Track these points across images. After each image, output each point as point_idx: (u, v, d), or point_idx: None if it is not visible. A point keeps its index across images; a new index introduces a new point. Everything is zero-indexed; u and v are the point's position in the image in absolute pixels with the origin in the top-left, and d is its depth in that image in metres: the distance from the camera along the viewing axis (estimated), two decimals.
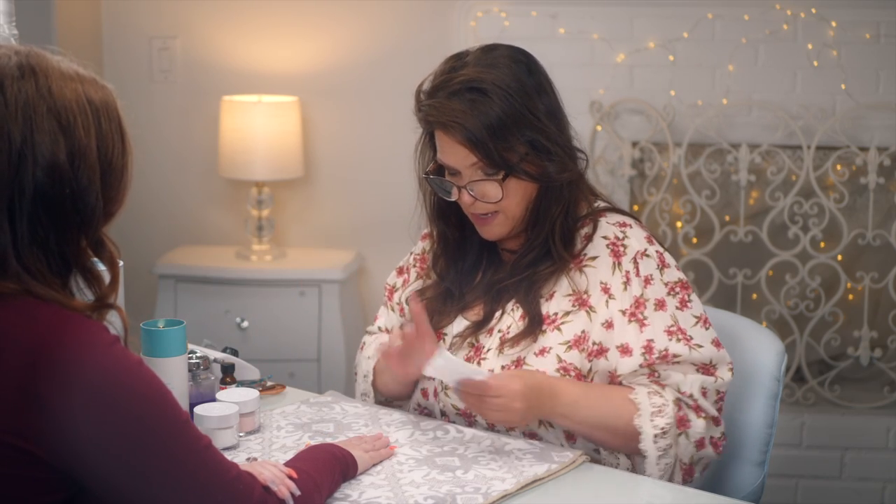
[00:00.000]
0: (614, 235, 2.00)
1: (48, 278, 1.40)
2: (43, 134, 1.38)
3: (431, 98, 1.97)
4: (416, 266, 2.19)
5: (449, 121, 1.93)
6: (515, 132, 1.93)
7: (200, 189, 3.92)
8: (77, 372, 1.34)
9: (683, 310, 1.97)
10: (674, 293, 1.97)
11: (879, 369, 3.59)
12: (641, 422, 1.91)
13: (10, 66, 1.40)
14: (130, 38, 3.88)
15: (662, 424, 1.90)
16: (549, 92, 1.99)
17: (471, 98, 1.93)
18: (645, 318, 1.95)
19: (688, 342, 1.94)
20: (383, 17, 3.77)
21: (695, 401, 1.93)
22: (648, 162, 3.61)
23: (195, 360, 2.03)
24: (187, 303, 3.62)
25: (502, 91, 1.93)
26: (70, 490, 1.40)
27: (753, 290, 3.62)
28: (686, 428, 1.92)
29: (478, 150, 1.93)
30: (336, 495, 1.71)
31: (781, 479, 3.50)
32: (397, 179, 3.76)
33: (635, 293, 1.96)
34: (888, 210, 3.59)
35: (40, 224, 1.39)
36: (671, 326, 1.94)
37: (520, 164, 1.95)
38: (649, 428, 1.90)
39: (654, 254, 1.99)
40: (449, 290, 2.09)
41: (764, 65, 3.54)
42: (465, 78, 1.94)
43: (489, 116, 1.92)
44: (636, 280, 1.97)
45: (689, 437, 1.92)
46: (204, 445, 1.44)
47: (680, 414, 1.92)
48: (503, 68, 1.95)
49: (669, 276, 1.98)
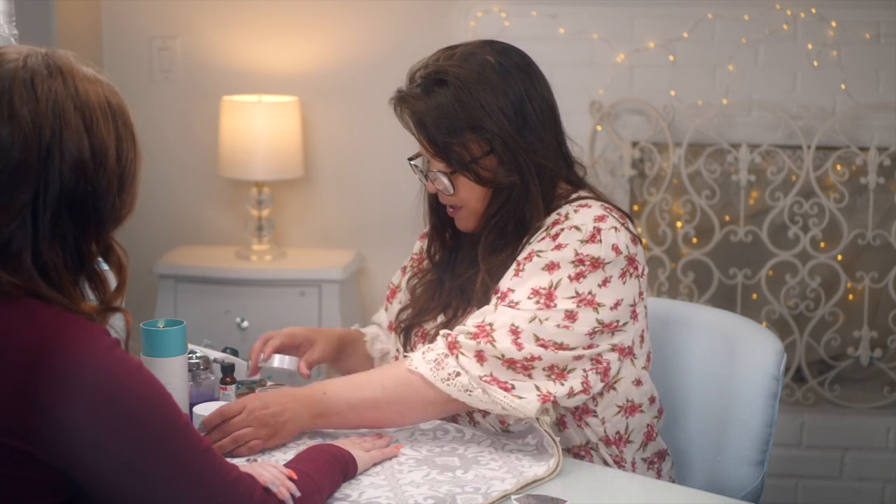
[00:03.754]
0: (566, 213, 1.97)
1: (62, 275, 1.41)
2: (71, 131, 1.40)
3: (407, 86, 2.01)
4: (414, 266, 2.20)
5: (405, 108, 1.98)
6: (469, 130, 1.94)
7: (200, 189, 3.92)
8: (77, 374, 1.34)
9: (573, 281, 1.90)
10: (578, 264, 1.90)
11: (879, 369, 3.59)
12: (416, 363, 1.88)
13: (39, 65, 1.41)
14: (130, 38, 3.88)
15: (434, 357, 1.87)
16: (529, 101, 1.97)
17: (436, 90, 1.96)
18: (523, 269, 1.92)
19: (546, 307, 1.88)
20: (383, 17, 3.77)
21: (491, 329, 1.86)
22: (648, 162, 3.61)
23: (195, 360, 2.03)
24: (187, 303, 3.62)
25: (465, 88, 1.94)
26: (69, 492, 1.40)
27: (753, 290, 3.62)
28: (458, 349, 1.87)
29: (427, 141, 1.97)
30: (336, 495, 1.71)
31: (781, 479, 3.50)
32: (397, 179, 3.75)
33: (535, 248, 1.93)
34: (888, 210, 3.59)
35: (62, 221, 1.40)
36: (542, 288, 1.89)
37: (470, 163, 1.95)
38: (423, 364, 1.87)
39: (588, 229, 1.92)
40: (440, 280, 2.10)
41: (764, 65, 3.54)
42: (436, 69, 1.98)
43: (443, 110, 1.94)
44: (548, 241, 1.93)
45: (464, 354, 1.86)
46: (204, 448, 1.44)
47: (448, 340, 1.88)
48: (480, 66, 1.96)
49: (589, 250, 1.90)
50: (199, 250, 3.83)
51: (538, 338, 1.86)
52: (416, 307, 2.11)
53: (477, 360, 1.86)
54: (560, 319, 1.88)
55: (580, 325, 1.89)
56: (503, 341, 1.86)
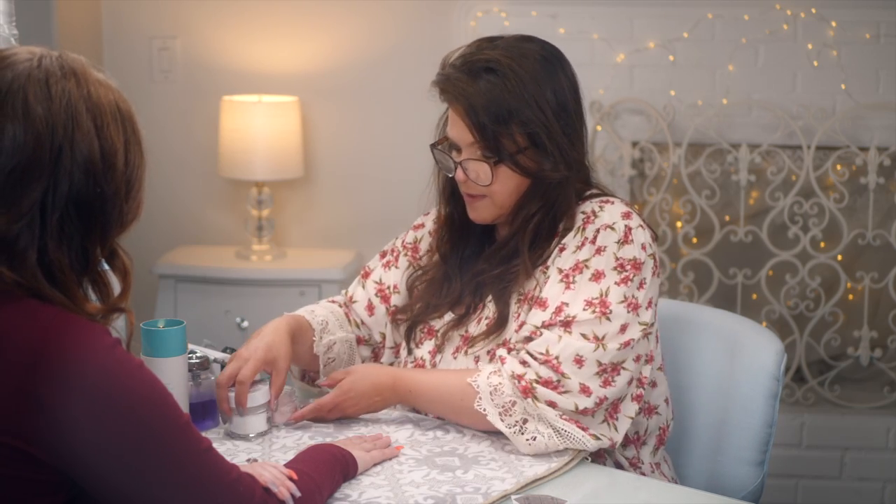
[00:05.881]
0: (591, 210, 1.99)
1: (67, 276, 1.41)
2: (82, 132, 1.41)
3: (451, 69, 1.98)
4: (408, 255, 2.19)
5: (456, 92, 1.95)
6: (517, 121, 1.93)
7: (200, 189, 3.92)
8: (77, 374, 1.35)
9: (621, 286, 1.92)
10: (621, 269, 1.93)
11: (879, 369, 3.59)
12: (484, 404, 1.90)
13: (53, 66, 1.43)
14: (130, 38, 3.88)
15: (502, 403, 1.89)
16: (569, 97, 1.99)
17: (484, 77, 1.94)
18: (574, 281, 1.93)
19: (602, 314, 1.91)
20: (383, 17, 3.77)
21: (558, 364, 1.88)
22: (648, 162, 3.61)
23: (195, 360, 2.03)
24: (187, 303, 3.62)
25: (516, 78, 1.93)
26: (70, 492, 1.40)
27: (753, 290, 3.62)
28: (532, 394, 1.88)
29: (475, 128, 1.95)
30: (336, 495, 1.71)
31: (781, 479, 3.50)
32: (397, 179, 3.76)
33: (580, 258, 1.94)
34: (888, 210, 3.59)
35: (69, 221, 1.41)
36: (594, 298, 1.91)
37: (516, 154, 1.95)
38: (492, 408, 1.89)
39: (621, 228, 1.95)
40: (447, 274, 2.09)
41: (764, 65, 3.54)
42: (485, 57, 1.96)
43: (494, 97, 1.93)
44: (589, 247, 1.94)
45: (538, 399, 1.87)
46: (204, 448, 1.44)
47: (522, 385, 1.88)
48: (528, 59, 1.96)
49: (626, 252, 1.94)
50: (199, 250, 3.83)
51: (600, 363, 1.88)
52: (422, 303, 2.11)
53: (550, 406, 1.88)
54: (617, 335, 1.90)
55: (630, 333, 1.92)
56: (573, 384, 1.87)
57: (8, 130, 1.39)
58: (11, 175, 1.38)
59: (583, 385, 1.87)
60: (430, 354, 2.07)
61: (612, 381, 1.89)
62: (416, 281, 2.14)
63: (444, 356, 2.05)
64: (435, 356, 2.06)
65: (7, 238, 1.39)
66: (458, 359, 2.02)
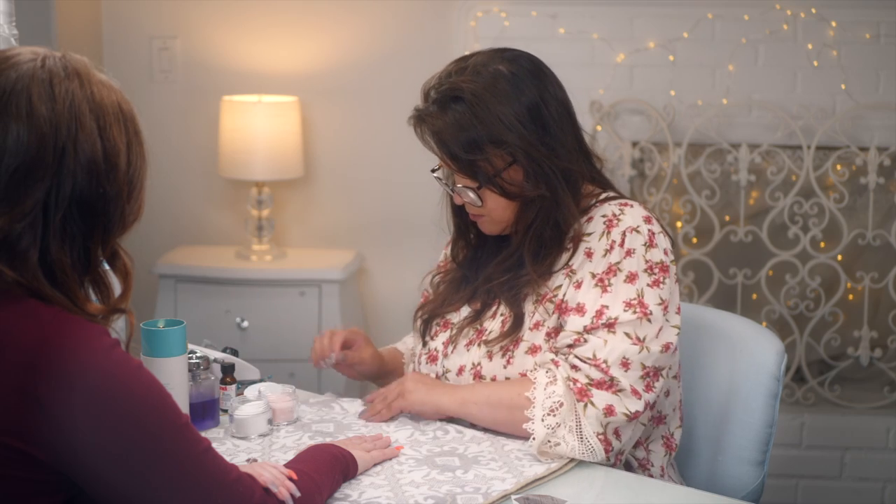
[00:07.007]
0: (612, 213, 2.01)
1: (69, 276, 1.42)
2: (86, 132, 1.41)
3: (423, 104, 2.01)
4: (440, 272, 2.23)
5: (425, 127, 1.99)
6: (489, 144, 1.94)
7: (200, 189, 3.92)
8: (77, 374, 1.35)
9: (654, 288, 1.95)
10: (651, 272, 1.96)
11: (879, 369, 3.59)
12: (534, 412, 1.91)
13: (57, 66, 1.43)
14: (130, 38, 3.88)
15: (550, 404, 1.89)
16: (549, 107, 1.98)
17: (452, 108, 1.96)
18: (610, 284, 1.95)
19: (643, 315, 1.93)
20: (383, 17, 3.77)
21: (607, 367, 1.90)
22: (648, 162, 3.61)
23: (195, 360, 2.03)
24: (187, 303, 3.62)
25: (481, 104, 1.94)
26: (69, 492, 1.40)
27: (753, 290, 3.62)
28: (588, 398, 1.90)
29: (449, 158, 1.98)
30: (336, 495, 1.71)
31: (781, 479, 3.50)
32: (397, 179, 3.77)
33: (612, 261, 1.96)
34: (888, 210, 3.59)
35: (72, 221, 1.42)
36: (633, 299, 1.93)
37: (494, 177, 1.96)
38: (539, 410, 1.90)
39: (645, 231, 1.98)
40: (465, 276, 2.13)
41: (764, 65, 3.54)
42: (451, 86, 1.97)
43: (463, 126, 1.94)
44: (618, 250, 1.96)
45: (594, 405, 1.89)
46: (204, 448, 1.44)
47: (577, 387, 1.90)
48: (495, 79, 1.96)
49: (653, 256, 1.97)
50: (199, 250, 3.83)
51: (644, 366, 1.91)
52: (439, 299, 2.14)
53: (606, 413, 1.89)
54: (656, 338, 1.93)
55: (666, 336, 1.94)
56: (625, 385, 1.90)
57: (12, 130, 1.39)
58: (15, 175, 1.39)
59: (632, 388, 1.91)
60: (444, 345, 2.09)
61: (653, 385, 1.93)
62: (440, 283, 2.18)
63: (458, 347, 2.06)
64: (447, 346, 2.07)
65: (9, 237, 1.39)
66: (472, 350, 2.04)
